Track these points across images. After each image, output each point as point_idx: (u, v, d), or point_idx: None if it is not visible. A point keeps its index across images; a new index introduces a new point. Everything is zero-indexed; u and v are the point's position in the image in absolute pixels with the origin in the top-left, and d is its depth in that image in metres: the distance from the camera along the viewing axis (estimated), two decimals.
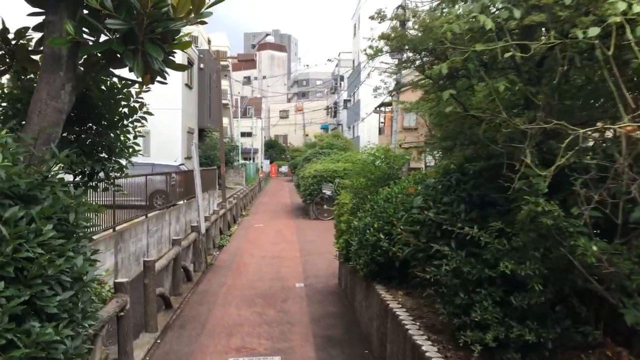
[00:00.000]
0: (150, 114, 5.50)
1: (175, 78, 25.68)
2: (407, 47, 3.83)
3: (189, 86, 26.98)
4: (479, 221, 3.63)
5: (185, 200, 18.34)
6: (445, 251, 3.64)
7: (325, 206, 18.55)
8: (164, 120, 25.61)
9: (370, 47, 4.62)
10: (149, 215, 12.54)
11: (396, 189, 5.99)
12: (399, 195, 5.78)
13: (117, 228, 9.95)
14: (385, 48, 4.68)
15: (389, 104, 41.70)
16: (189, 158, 27.27)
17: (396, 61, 23.28)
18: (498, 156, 3.53)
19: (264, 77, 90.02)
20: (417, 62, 4.14)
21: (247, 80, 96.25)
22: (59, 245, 3.26)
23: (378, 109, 42.91)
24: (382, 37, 3.94)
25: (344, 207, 7.87)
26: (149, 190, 14.36)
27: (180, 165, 20.91)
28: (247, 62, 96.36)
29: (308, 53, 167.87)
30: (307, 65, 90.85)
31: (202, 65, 29.52)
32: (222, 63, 46.36)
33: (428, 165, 27.46)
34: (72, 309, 3.43)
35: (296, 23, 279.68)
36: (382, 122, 41.37)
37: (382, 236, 5.42)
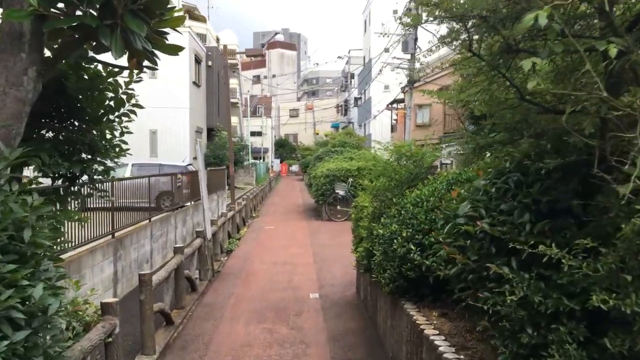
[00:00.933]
0: (140, 106, 4.73)
1: (182, 76, 25.02)
2: (452, 13, 3.01)
3: (196, 84, 26.30)
4: (549, 235, 2.81)
5: (192, 202, 17.65)
6: (505, 273, 2.83)
7: (338, 207, 17.77)
8: (171, 119, 24.99)
9: (408, 14, 3.80)
10: (153, 219, 11.84)
11: (426, 190, 5.18)
12: (430, 199, 4.97)
13: (118, 234, 9.25)
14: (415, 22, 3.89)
15: (402, 100, 40.85)
16: (196, 158, 26.61)
17: (409, 56, 22.29)
18: (578, 151, 2.71)
19: (274, 76, 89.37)
20: (463, 36, 3.32)
21: (257, 79, 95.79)
22: (8, 272, 2.52)
23: (390, 105, 42.07)
24: (421, 2, 3.12)
25: (363, 210, 7.07)
26: (155, 191, 13.68)
27: (188, 165, 20.25)
28: (256, 61, 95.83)
29: (318, 52, 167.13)
30: (317, 64, 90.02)
31: (210, 63, 28.85)
32: (231, 61, 45.73)
33: (444, 163, 26.56)
34: (30, 352, 2.68)
35: (306, 22, 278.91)
36: (394, 120, 40.48)
37: (412, 247, 4.61)
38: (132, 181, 11.60)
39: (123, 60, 3.83)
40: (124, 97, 4.51)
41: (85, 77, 4.34)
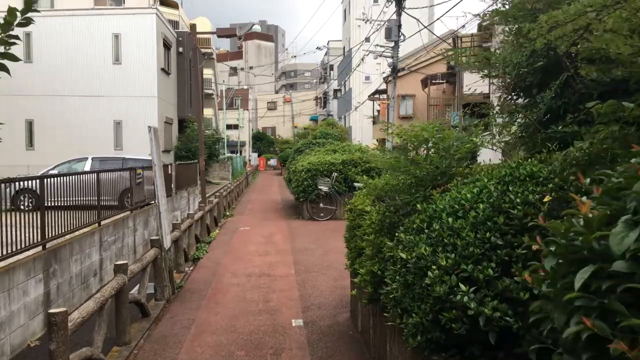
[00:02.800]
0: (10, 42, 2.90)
1: (149, 62, 22.90)
2: None
3: (166, 71, 24.24)
4: None
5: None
6: None
7: (321, 204, 16.05)
8: (137, 109, 22.88)
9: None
10: (105, 222, 9.94)
11: (468, 193, 3.45)
12: (479, 206, 3.25)
13: (52, 244, 7.38)
14: None
15: (384, 91, 39.24)
16: (166, 151, 24.57)
17: (392, 44, 20.52)
18: None
19: (251, 68, 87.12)
20: None
21: (234, 71, 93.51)
22: None
23: (372, 96, 40.39)
24: None
25: (363, 217, 5.34)
26: (117, 189, 11.82)
27: None
28: (233, 52, 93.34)
29: (296, 44, 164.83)
30: (295, 56, 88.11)
31: (181, 49, 26.75)
32: (206, 50, 43.60)
33: None
34: None
35: (284, 15, 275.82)
36: (377, 111, 38.86)
37: (460, 285, 2.90)
38: (82, 177, 9.72)
39: None
40: None
41: None
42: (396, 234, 3.91)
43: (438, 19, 25.28)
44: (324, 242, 12.06)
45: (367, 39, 38.10)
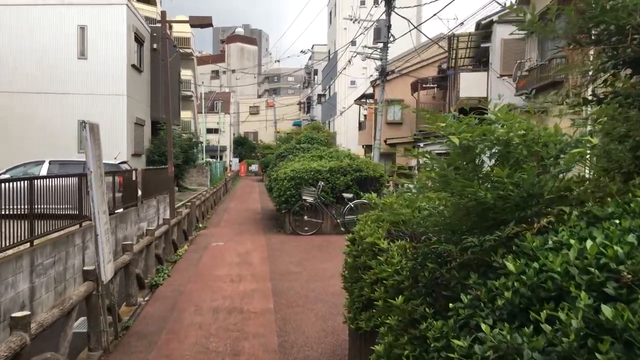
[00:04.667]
0: None
1: (118, 57, 20.84)
2: None
3: (137, 68, 22.29)
4: None
5: (122, 210, 13.91)
6: None
7: (305, 217, 14.26)
8: (105, 108, 20.80)
9: None
10: (37, 241, 8.06)
11: (620, 247, 1.72)
12: None
13: None
14: None
15: (371, 95, 37.63)
16: (137, 155, 22.58)
17: (380, 45, 18.76)
18: None
19: (233, 71, 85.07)
20: None
21: (215, 74, 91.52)
22: None
23: (359, 100, 38.74)
24: None
25: (376, 257, 3.56)
26: (66, 198, 9.98)
27: (121, 163, 16.40)
28: (215, 55, 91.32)
29: (279, 48, 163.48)
30: (278, 60, 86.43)
31: (155, 46, 24.80)
32: (185, 50, 41.60)
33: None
34: None
35: (267, 20, 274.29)
36: (364, 116, 37.23)
37: None
38: (12, 184, 7.94)
39: None
40: None
41: None
42: (451, 307, 2.17)
43: (429, 19, 23.78)
44: (310, 264, 10.27)
45: (354, 42, 36.57)
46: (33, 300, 7.65)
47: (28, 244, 7.77)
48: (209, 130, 60.94)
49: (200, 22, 13.83)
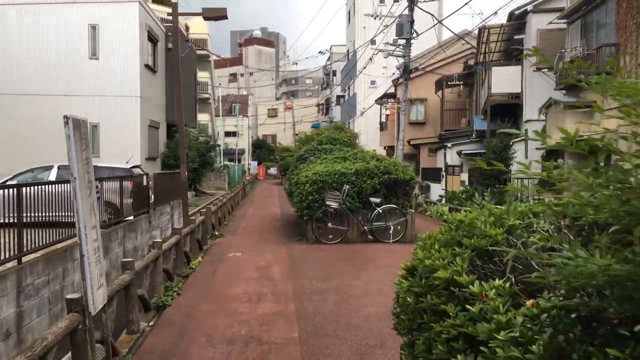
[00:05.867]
0: None
1: (131, 56, 19.87)
2: None
3: (151, 69, 21.39)
4: None
5: (133, 217, 12.97)
6: None
7: (329, 224, 13.11)
8: (117, 110, 19.91)
9: None
10: (26, 259, 7.04)
11: None
12: None
13: None
14: None
15: (392, 95, 36.34)
16: (151, 159, 21.67)
17: (402, 42, 17.42)
18: None
19: (251, 74, 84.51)
20: None
21: (233, 77, 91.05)
22: None
23: (380, 100, 37.49)
24: None
25: (456, 299, 2.39)
26: (61, 206, 8.99)
27: (133, 167, 15.45)
28: (232, 58, 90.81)
29: (297, 50, 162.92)
30: (296, 63, 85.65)
31: (170, 45, 23.86)
32: (201, 52, 40.87)
33: (450, 166, 21.98)
34: None
35: (285, 23, 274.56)
36: (386, 116, 35.98)
37: None
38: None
39: None
40: None
41: None
42: None
43: (453, 13, 22.50)
44: (337, 280, 9.11)
45: (373, 41, 35.36)
46: (20, 328, 6.62)
47: (15, 262, 6.75)
48: (227, 134, 60.25)
49: (214, 14, 12.78)
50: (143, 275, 7.51)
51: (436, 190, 25.39)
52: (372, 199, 13.01)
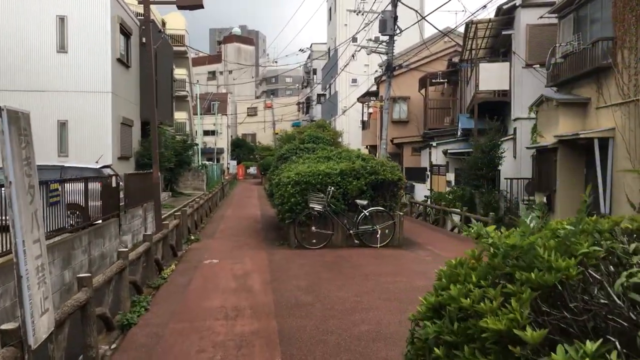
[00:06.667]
0: None
1: (102, 50, 18.88)
2: None
3: (123, 63, 20.35)
4: None
5: (102, 221, 12.05)
6: None
7: (313, 228, 12.33)
8: (87, 106, 18.85)
9: None
10: None
11: None
12: None
13: None
14: None
15: (374, 93, 35.67)
16: (124, 158, 20.63)
17: (385, 39, 16.61)
18: None
19: (230, 72, 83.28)
20: None
21: (212, 76, 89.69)
22: None
23: (362, 98, 36.79)
24: None
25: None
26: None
27: (103, 167, 14.49)
28: (211, 56, 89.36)
29: (277, 49, 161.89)
30: (276, 61, 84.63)
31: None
32: (179, 48, 39.79)
33: (436, 165, 21.33)
34: None
35: (265, 22, 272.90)
36: (368, 114, 35.30)
37: None
38: None
39: None
40: None
41: None
42: None
43: (437, 9, 21.89)
44: (323, 290, 8.33)
45: (355, 39, 34.65)
46: None
47: None
48: (206, 132, 59.10)
49: (189, 3, 11.89)
50: (105, 290, 6.63)
51: (421, 191, 24.78)
52: (358, 201, 12.27)
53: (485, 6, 20.20)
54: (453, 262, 2.41)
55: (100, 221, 11.86)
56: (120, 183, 13.84)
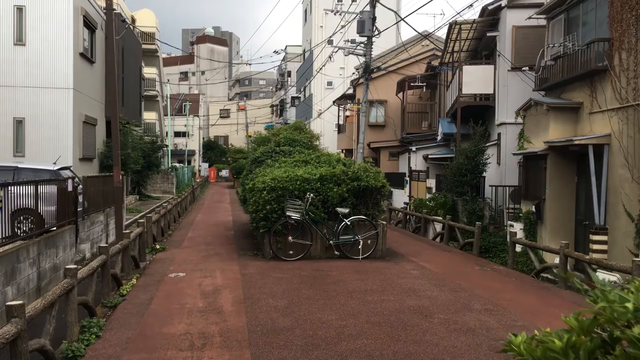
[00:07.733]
0: None
1: (63, 43, 17.58)
2: None
3: (87, 58, 19.08)
4: None
5: (56, 229, 10.89)
6: None
7: (290, 237, 11.36)
8: (46, 103, 17.51)
9: None
10: None
11: None
12: None
13: None
14: None
15: (351, 96, 34.89)
16: (87, 159, 19.33)
17: (364, 39, 15.65)
18: None
19: (203, 73, 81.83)
20: None
21: (184, 76, 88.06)
22: None
23: (338, 101, 35.98)
24: None
25: None
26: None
27: (61, 169, 13.29)
28: (184, 56, 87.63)
29: (251, 52, 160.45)
30: (250, 63, 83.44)
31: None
32: (149, 46, 38.52)
33: (415, 171, 20.57)
34: None
35: (238, 24, 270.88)
36: (345, 117, 34.49)
37: None
38: None
39: None
40: None
41: None
42: None
43: (416, 10, 21.30)
44: (303, 310, 7.39)
45: (330, 41, 33.84)
46: None
47: None
48: (177, 134, 57.62)
49: None
50: (46, 317, 5.57)
51: (399, 197, 24.04)
52: (339, 209, 11.36)
53: (471, 5, 19.48)
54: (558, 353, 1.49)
55: (54, 228, 10.72)
56: (79, 186, 12.69)
